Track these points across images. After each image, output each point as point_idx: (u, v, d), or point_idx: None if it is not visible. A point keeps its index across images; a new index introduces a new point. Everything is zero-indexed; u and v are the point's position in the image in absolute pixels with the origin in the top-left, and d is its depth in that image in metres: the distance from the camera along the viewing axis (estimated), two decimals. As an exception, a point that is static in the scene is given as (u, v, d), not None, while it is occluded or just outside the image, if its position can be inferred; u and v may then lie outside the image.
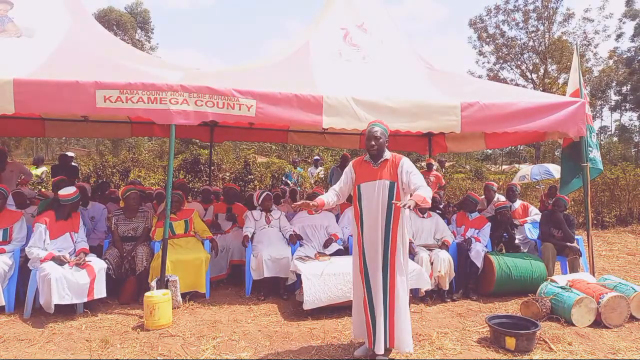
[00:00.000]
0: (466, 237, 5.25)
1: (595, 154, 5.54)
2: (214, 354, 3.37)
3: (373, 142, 3.20)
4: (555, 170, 16.54)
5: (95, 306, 4.29)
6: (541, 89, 24.94)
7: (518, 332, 3.45)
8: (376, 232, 3.16)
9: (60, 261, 4.12)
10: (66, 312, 4.08)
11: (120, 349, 3.43)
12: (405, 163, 3.19)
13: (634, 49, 34.32)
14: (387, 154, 3.25)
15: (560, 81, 27.17)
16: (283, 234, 5.33)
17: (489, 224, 5.41)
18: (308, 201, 3.22)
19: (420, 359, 3.35)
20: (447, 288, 4.80)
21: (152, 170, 13.30)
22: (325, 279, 4.18)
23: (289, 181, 10.40)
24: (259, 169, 12.75)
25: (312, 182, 11.47)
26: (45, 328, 3.80)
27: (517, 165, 28.15)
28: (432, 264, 4.77)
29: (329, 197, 3.32)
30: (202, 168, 12.14)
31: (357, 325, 3.34)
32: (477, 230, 5.36)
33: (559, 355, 3.40)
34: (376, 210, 3.16)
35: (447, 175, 14.56)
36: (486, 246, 5.22)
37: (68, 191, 4.47)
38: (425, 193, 3.01)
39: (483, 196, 6.72)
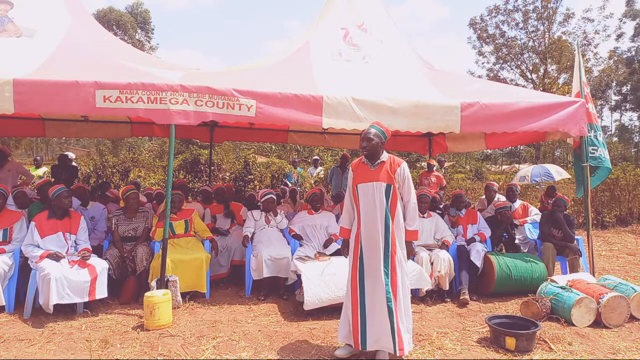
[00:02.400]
0: (467, 238, 5.25)
1: (602, 152, 5.51)
2: (214, 354, 3.37)
3: (365, 144, 3.27)
4: (555, 172, 16.53)
5: (95, 306, 4.29)
6: (541, 89, 24.97)
7: (518, 332, 3.45)
8: (375, 233, 3.18)
9: (56, 257, 4.13)
10: (66, 312, 4.08)
11: (120, 349, 3.43)
12: (406, 169, 3.29)
13: (634, 49, 34.37)
14: (384, 156, 3.30)
15: (560, 81, 27.20)
16: (283, 233, 5.34)
17: (479, 214, 5.50)
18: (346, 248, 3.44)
19: (420, 359, 3.35)
20: (447, 288, 4.80)
21: (152, 170, 13.30)
22: (326, 279, 4.18)
23: (288, 182, 10.40)
24: (259, 169, 12.76)
25: (312, 182, 11.47)
26: (45, 328, 3.79)
27: (517, 165, 28.18)
28: (432, 264, 4.77)
29: (349, 218, 3.42)
30: (202, 168, 12.15)
31: (344, 327, 3.29)
32: (475, 226, 5.38)
33: (559, 355, 3.39)
34: (373, 211, 3.20)
35: (447, 175, 14.57)
36: (485, 242, 5.24)
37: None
38: (412, 226, 3.30)
39: (483, 196, 6.73)
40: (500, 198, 6.45)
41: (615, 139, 41.38)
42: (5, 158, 6.77)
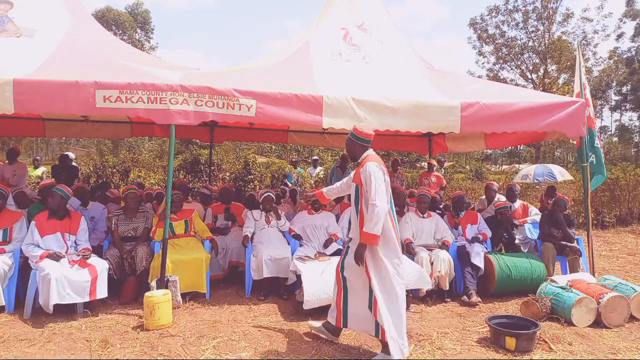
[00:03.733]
0: (468, 238, 5.24)
1: (592, 157, 5.45)
2: (214, 354, 3.37)
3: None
4: (558, 172, 16.52)
5: (95, 306, 4.28)
6: (541, 89, 24.98)
7: (518, 332, 3.45)
8: (353, 231, 3.37)
9: (56, 257, 4.13)
10: (66, 312, 4.08)
11: (120, 349, 3.43)
12: (369, 168, 3.18)
13: (634, 49, 34.34)
14: (362, 156, 3.34)
15: (560, 81, 27.21)
16: (283, 233, 5.34)
17: (480, 215, 5.52)
18: (308, 193, 3.96)
19: (420, 359, 3.35)
20: (447, 288, 4.79)
21: (152, 170, 13.29)
22: (326, 278, 4.18)
23: (288, 182, 10.40)
24: (259, 169, 12.75)
25: (312, 182, 11.47)
26: (45, 328, 3.79)
27: (517, 165, 28.17)
28: (432, 264, 4.77)
29: (330, 187, 3.82)
30: (202, 168, 12.14)
31: (332, 308, 3.55)
32: (475, 226, 5.38)
33: (559, 355, 3.40)
34: (353, 210, 3.37)
35: (447, 176, 14.57)
36: (485, 242, 5.23)
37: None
38: (365, 227, 3.10)
39: (484, 196, 6.72)
40: (501, 198, 6.44)
41: (615, 139, 41.38)
42: (16, 157, 6.90)
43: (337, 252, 5.04)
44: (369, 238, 3.11)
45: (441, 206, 6.31)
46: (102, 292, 4.18)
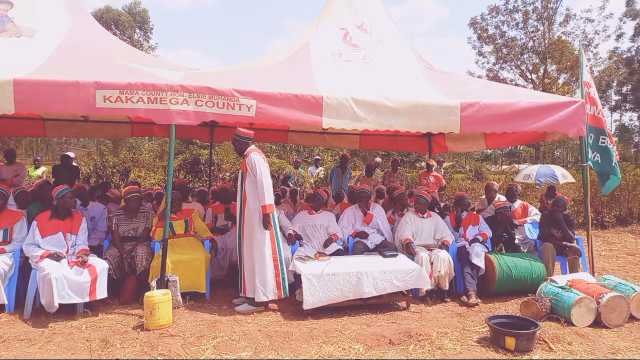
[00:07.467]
0: (469, 239, 5.25)
1: (596, 155, 5.38)
2: (214, 354, 3.37)
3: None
4: (561, 174, 16.43)
5: (95, 306, 4.29)
6: (541, 89, 24.97)
7: (518, 332, 3.45)
8: (239, 207, 4.49)
9: (57, 257, 4.13)
10: (66, 312, 4.08)
11: (120, 348, 3.44)
12: (252, 158, 4.32)
13: (634, 49, 34.36)
14: (247, 151, 4.40)
15: (560, 81, 27.19)
16: (284, 232, 5.34)
17: (481, 216, 5.51)
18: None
19: (420, 359, 3.35)
20: (447, 288, 4.80)
21: (152, 170, 13.29)
22: (325, 279, 4.19)
23: (290, 182, 10.41)
24: (259, 169, 12.71)
25: (312, 181, 11.48)
26: (45, 328, 3.80)
27: (517, 165, 28.16)
28: (432, 264, 4.77)
29: None
30: (202, 168, 12.14)
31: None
32: (476, 227, 5.39)
33: (558, 355, 3.40)
34: (238, 191, 4.50)
35: (447, 175, 14.57)
36: (485, 242, 5.24)
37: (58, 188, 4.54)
38: (264, 200, 4.30)
39: (484, 196, 6.72)
40: (501, 198, 6.45)
41: (615, 139, 41.30)
42: (14, 157, 6.93)
43: (337, 252, 5.05)
44: (268, 208, 4.19)
45: (441, 206, 6.31)
46: (102, 292, 4.18)
